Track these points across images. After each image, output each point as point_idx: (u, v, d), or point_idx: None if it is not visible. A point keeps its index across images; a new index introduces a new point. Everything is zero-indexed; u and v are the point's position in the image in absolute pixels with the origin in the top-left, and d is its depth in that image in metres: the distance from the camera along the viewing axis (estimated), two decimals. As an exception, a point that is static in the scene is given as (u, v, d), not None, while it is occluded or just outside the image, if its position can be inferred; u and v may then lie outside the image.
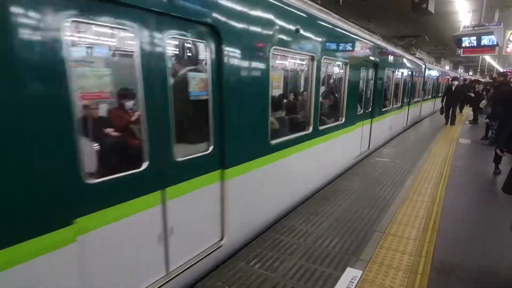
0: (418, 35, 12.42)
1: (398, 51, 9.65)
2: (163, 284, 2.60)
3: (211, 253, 3.07)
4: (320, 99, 5.05)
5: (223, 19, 2.87)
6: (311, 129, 4.75)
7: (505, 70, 39.47)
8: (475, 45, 9.61)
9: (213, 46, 2.84)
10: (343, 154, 6.45)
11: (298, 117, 5.40)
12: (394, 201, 4.89)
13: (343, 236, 3.81)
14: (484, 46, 10.16)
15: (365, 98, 7.47)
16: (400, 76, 9.96)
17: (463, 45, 9.95)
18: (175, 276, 2.71)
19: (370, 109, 7.86)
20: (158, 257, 2.59)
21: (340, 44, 5.54)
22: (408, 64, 10.88)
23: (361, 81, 6.98)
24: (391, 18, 15.25)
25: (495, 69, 43.73)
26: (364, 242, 3.68)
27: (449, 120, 12.55)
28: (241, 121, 3.27)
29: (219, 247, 3.18)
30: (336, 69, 6.23)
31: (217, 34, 2.83)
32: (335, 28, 5.26)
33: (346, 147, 6.50)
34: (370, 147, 8.08)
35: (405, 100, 11.23)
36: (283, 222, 4.16)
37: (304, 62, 5.50)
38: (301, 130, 4.71)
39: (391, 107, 9.47)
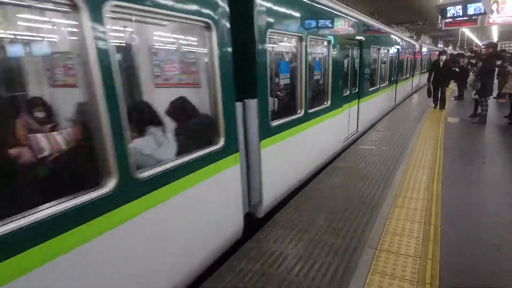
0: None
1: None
2: None
3: None
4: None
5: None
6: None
7: (484, 43, 39.62)
8: (461, 14, 8.86)
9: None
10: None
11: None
12: (385, 201, 4.12)
13: (325, 258, 3.01)
14: (470, 15, 9.44)
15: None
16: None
17: (448, 14, 9.20)
18: None
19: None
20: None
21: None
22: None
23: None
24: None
25: (473, 43, 43.78)
26: (352, 265, 2.89)
27: (438, 102, 10.91)
28: None
29: None
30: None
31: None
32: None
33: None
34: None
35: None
36: (251, 243, 3.33)
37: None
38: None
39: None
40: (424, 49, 19.51)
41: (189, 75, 3.65)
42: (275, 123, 3.81)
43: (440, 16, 15.14)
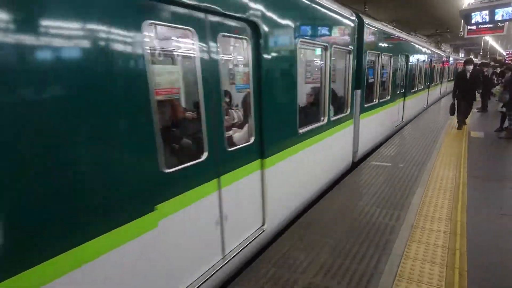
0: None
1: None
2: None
3: None
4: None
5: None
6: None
7: (508, 52, 37.99)
8: (488, 20, 8.12)
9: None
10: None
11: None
12: (399, 235, 3.50)
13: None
14: (497, 22, 8.68)
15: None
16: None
17: (473, 21, 8.46)
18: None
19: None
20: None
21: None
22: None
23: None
24: (388, 2, 13.71)
25: (497, 52, 42.12)
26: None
27: (461, 120, 8.97)
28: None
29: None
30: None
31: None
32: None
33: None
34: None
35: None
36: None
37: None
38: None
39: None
40: (451, 59, 22.84)
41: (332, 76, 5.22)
42: (366, 105, 6.58)
43: (462, 23, 14.32)
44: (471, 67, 8.14)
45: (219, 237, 2.74)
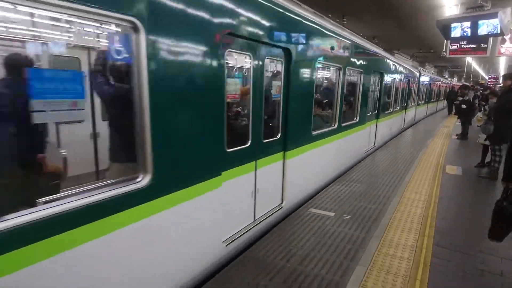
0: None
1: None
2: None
3: None
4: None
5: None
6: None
7: (490, 76, 37.74)
8: (469, 34, 6.71)
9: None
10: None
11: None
12: None
13: None
14: (480, 38, 7.31)
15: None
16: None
17: (453, 35, 7.05)
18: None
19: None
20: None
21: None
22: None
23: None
24: (368, 14, 12.42)
25: (480, 76, 42.03)
26: None
27: None
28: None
29: None
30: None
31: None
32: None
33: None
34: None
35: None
36: None
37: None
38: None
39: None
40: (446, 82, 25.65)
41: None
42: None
43: (445, 43, 13.09)
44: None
45: (252, 205, 3.71)
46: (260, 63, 3.51)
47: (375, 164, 7.20)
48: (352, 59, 6.02)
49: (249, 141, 3.46)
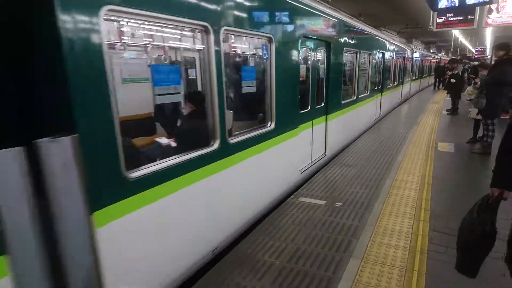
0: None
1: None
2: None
3: None
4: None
5: None
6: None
7: (477, 49, 37.60)
8: (457, 4, 6.43)
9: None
10: None
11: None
12: None
13: None
14: (467, 7, 7.02)
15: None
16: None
17: (440, 5, 6.75)
18: None
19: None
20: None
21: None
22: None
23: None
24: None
25: (467, 49, 41.91)
26: None
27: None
28: None
29: None
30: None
31: None
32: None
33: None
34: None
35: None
36: None
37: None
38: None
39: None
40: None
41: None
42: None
43: (432, 16, 12.78)
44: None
45: (310, 150, 5.24)
46: (315, 53, 5.18)
47: (366, 145, 6.99)
48: (365, 44, 7.67)
49: (309, 107, 5.03)
